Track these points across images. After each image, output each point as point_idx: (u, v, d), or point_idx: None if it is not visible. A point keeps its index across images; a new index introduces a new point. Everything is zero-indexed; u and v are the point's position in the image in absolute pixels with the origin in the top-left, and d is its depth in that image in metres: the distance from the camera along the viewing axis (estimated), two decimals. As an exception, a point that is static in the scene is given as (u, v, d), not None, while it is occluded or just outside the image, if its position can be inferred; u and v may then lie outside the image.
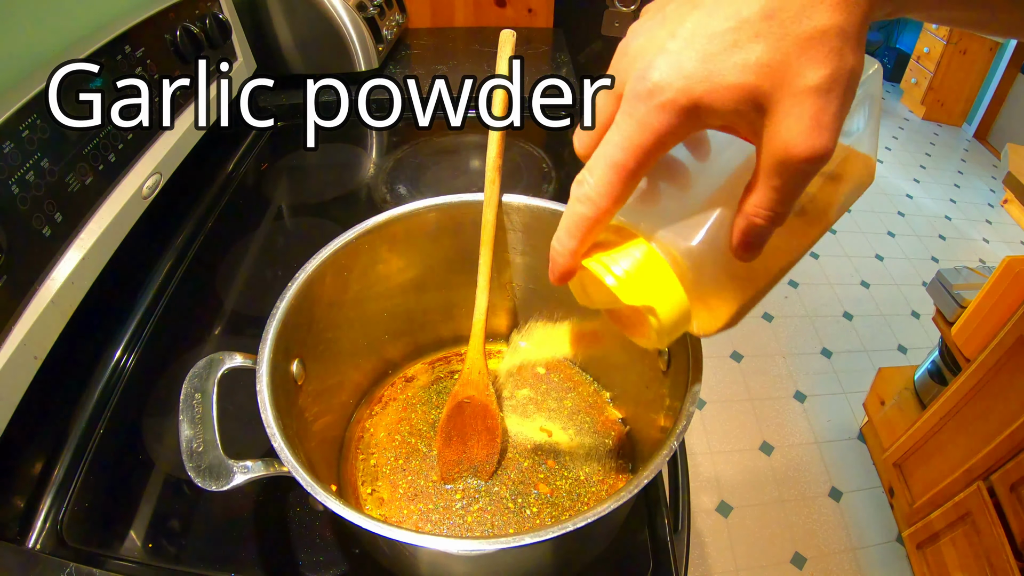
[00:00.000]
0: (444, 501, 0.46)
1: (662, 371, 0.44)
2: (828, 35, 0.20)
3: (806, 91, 0.20)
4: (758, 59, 0.20)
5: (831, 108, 0.21)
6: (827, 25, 0.20)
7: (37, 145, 0.47)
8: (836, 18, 0.20)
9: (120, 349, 0.58)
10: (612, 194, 0.24)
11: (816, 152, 0.21)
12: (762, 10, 0.20)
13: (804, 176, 0.22)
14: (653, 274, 0.26)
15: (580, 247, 0.26)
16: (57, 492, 0.47)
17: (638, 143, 0.22)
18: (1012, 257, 1.09)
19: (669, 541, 0.44)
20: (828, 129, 0.21)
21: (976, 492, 1.08)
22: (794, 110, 0.21)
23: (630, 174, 0.23)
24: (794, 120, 0.21)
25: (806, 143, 0.21)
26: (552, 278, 0.27)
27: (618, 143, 0.23)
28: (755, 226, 0.23)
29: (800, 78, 0.20)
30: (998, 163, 3.03)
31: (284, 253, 0.72)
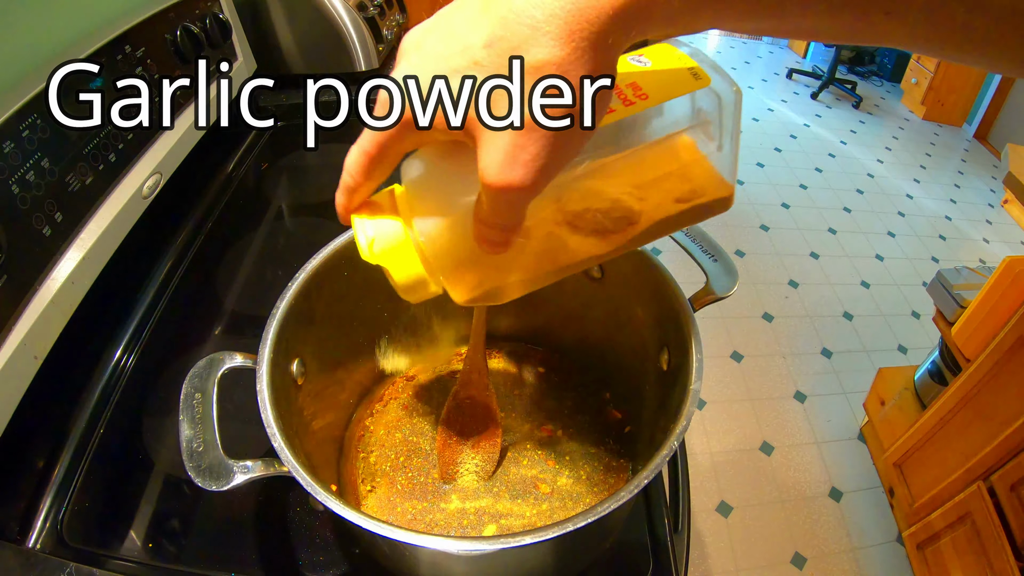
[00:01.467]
0: (444, 501, 0.46)
1: (662, 371, 0.44)
2: (542, 70, 0.20)
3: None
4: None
5: (531, 148, 0.21)
6: (544, 60, 0.20)
7: (37, 145, 0.47)
8: (556, 53, 0.19)
9: (120, 349, 0.58)
10: (359, 172, 0.27)
11: (509, 185, 0.21)
12: (487, 37, 0.20)
13: (507, 202, 0.23)
14: (396, 243, 0.30)
15: (348, 204, 0.30)
16: (57, 492, 0.47)
17: (374, 141, 0.26)
18: (1012, 257, 1.09)
19: (669, 541, 0.44)
20: (525, 166, 0.21)
21: (976, 492, 1.08)
22: (493, 142, 0.21)
23: (370, 161, 0.26)
24: (492, 152, 0.21)
25: (499, 177, 0.21)
26: (339, 216, 0.31)
27: (366, 134, 0.26)
28: (484, 230, 0.25)
29: None
30: (998, 163, 3.03)
31: (284, 253, 0.72)
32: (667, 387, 0.42)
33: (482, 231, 0.25)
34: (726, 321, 1.93)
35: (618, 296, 0.49)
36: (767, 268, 2.17)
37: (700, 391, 0.36)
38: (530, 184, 0.22)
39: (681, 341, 0.40)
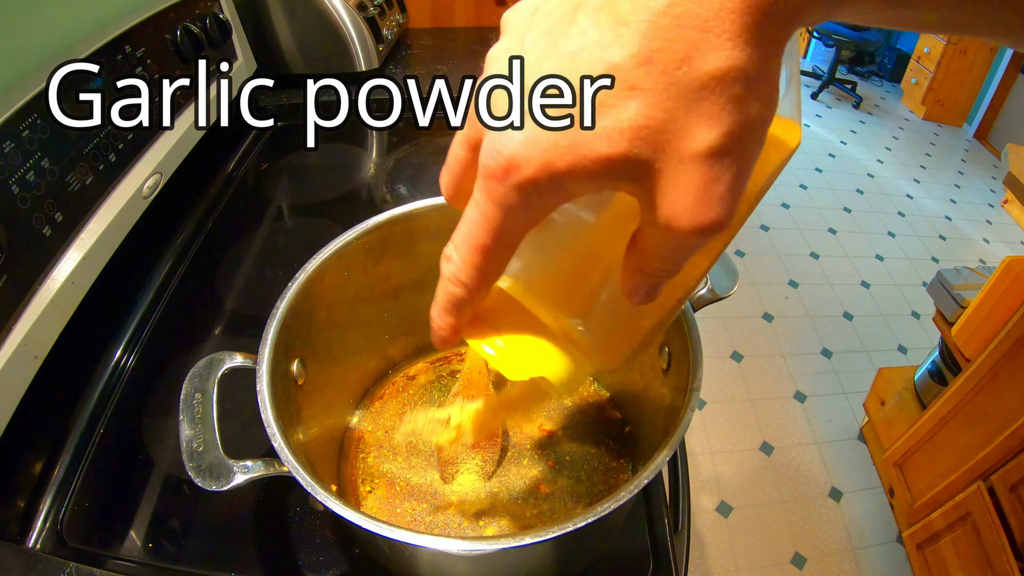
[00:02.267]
0: (444, 501, 0.46)
1: (662, 371, 0.44)
2: (725, 81, 0.16)
3: (694, 158, 0.16)
4: (632, 121, 0.16)
5: (726, 176, 0.17)
6: (724, 68, 0.15)
7: (37, 145, 0.47)
8: (736, 57, 0.15)
9: (120, 349, 0.58)
10: (478, 276, 0.21)
11: (705, 227, 0.17)
12: (639, 53, 0.16)
13: (694, 247, 0.19)
14: (537, 343, 0.25)
15: (457, 323, 0.24)
16: (57, 492, 0.47)
17: (498, 226, 0.19)
18: (1012, 257, 1.09)
19: (669, 541, 0.44)
20: (722, 200, 0.17)
21: (976, 492, 1.08)
22: (680, 180, 0.17)
23: (494, 255, 0.20)
24: (680, 193, 0.17)
25: (693, 219, 0.17)
26: (435, 344, 0.25)
27: (478, 223, 0.19)
28: (643, 283, 0.21)
29: (688, 140, 0.16)
30: (998, 163, 3.03)
31: (284, 253, 0.72)
32: (667, 387, 0.42)
33: (641, 282, 0.21)
34: (726, 321, 1.93)
35: (618, 296, 0.49)
36: (767, 268, 2.17)
37: (700, 391, 0.36)
38: (727, 219, 0.17)
39: (681, 341, 0.40)
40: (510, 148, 0.17)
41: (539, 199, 0.18)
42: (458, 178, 0.22)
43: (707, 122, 0.16)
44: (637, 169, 0.17)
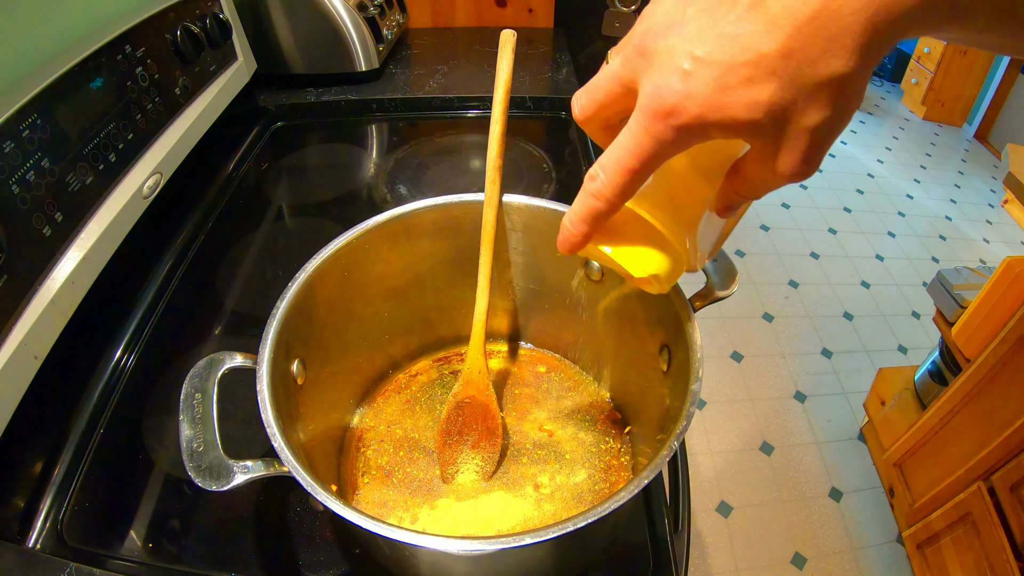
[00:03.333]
0: (444, 500, 0.46)
1: (662, 371, 0.44)
2: (841, 82, 0.21)
3: (805, 130, 0.22)
4: (769, 99, 0.21)
5: (824, 147, 0.23)
6: (843, 72, 0.20)
7: (37, 145, 0.47)
8: (852, 65, 0.20)
9: (120, 349, 0.58)
10: (622, 193, 0.26)
11: (799, 175, 0.24)
12: (782, 48, 0.20)
13: (781, 185, 0.25)
14: (652, 246, 0.32)
15: (591, 231, 0.29)
16: (57, 492, 0.47)
17: (650, 153, 0.24)
18: (1012, 257, 1.09)
19: (669, 541, 0.44)
20: (815, 161, 0.23)
21: (976, 492, 1.08)
22: (790, 144, 0.23)
23: (639, 177, 0.25)
24: (788, 153, 0.23)
25: (794, 170, 0.23)
26: (560, 248, 0.31)
27: (632, 150, 0.24)
28: (735, 202, 0.28)
29: (803, 117, 0.22)
30: (998, 163, 3.03)
31: (284, 253, 0.72)
32: (667, 387, 0.42)
33: (734, 201, 0.28)
34: (726, 321, 1.93)
35: (618, 296, 0.49)
36: (767, 268, 2.17)
37: (700, 391, 0.36)
38: (813, 173, 0.24)
39: (681, 341, 0.40)
40: (674, 97, 0.22)
41: (686, 139, 0.23)
42: (600, 106, 0.27)
43: (820, 107, 0.21)
44: (763, 131, 0.22)
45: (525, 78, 1.06)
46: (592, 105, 0.27)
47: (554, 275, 0.53)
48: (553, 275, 0.53)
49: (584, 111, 0.28)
